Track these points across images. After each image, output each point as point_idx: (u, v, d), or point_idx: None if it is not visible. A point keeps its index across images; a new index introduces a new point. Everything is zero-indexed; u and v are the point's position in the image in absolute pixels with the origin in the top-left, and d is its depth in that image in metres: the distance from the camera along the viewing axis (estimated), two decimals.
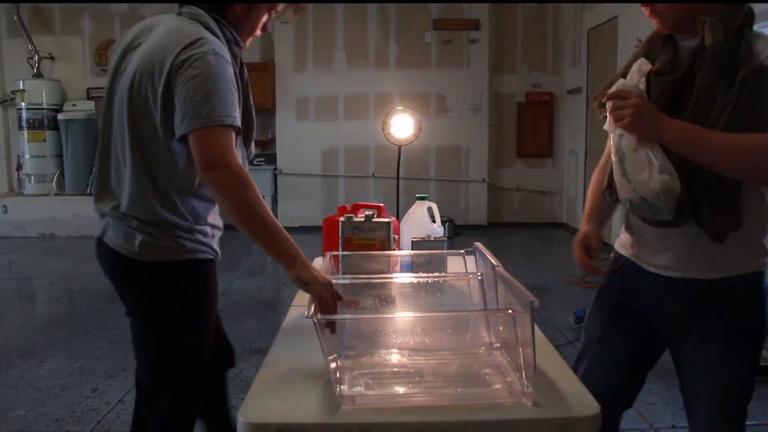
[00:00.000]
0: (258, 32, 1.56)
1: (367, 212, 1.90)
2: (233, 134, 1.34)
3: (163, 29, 1.41)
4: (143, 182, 1.45)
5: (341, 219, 1.89)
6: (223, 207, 1.36)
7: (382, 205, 2.02)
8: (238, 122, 1.35)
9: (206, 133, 1.30)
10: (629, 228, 1.49)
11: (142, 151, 1.43)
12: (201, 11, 1.43)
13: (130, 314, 1.59)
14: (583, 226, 1.56)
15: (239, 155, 1.38)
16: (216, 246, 1.57)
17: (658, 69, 1.34)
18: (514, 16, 7.69)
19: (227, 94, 1.33)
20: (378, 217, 1.93)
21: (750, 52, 1.24)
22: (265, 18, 1.54)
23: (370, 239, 1.85)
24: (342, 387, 1.03)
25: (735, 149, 1.20)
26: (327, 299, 1.24)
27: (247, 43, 1.55)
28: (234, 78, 1.38)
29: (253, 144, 1.58)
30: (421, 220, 2.03)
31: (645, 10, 1.39)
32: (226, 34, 1.45)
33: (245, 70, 1.53)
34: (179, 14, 1.46)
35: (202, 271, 1.52)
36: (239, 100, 1.40)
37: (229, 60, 1.38)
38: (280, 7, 1.56)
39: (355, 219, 1.87)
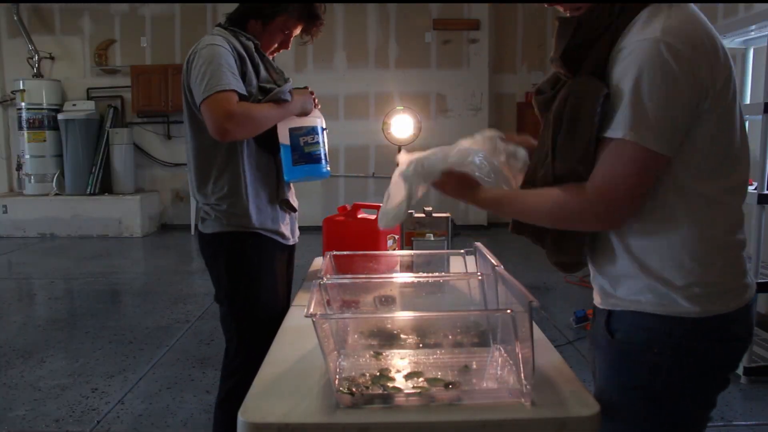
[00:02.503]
0: (276, 48, 1.84)
1: (425, 208, 2.02)
2: (232, 96, 1.59)
3: None
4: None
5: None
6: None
7: (382, 205, 2.02)
8: (234, 87, 1.60)
9: (208, 101, 1.57)
10: None
11: None
12: (221, 28, 1.75)
13: None
14: None
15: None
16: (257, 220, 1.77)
17: (538, 87, 1.17)
18: (514, 16, 7.69)
19: (219, 68, 1.60)
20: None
21: (599, 59, 1.01)
22: (280, 38, 1.81)
23: (431, 233, 1.95)
24: (342, 387, 1.03)
25: (530, 212, 1.11)
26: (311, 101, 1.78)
27: (268, 55, 1.82)
28: (232, 57, 1.65)
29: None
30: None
31: (559, 8, 1.14)
32: (242, 40, 1.72)
33: (266, 59, 1.80)
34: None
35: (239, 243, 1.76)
36: (251, 76, 1.70)
37: (227, 47, 1.65)
38: (297, 30, 1.83)
39: (416, 215, 1.97)
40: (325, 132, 1.86)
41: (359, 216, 2.10)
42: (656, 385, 1.04)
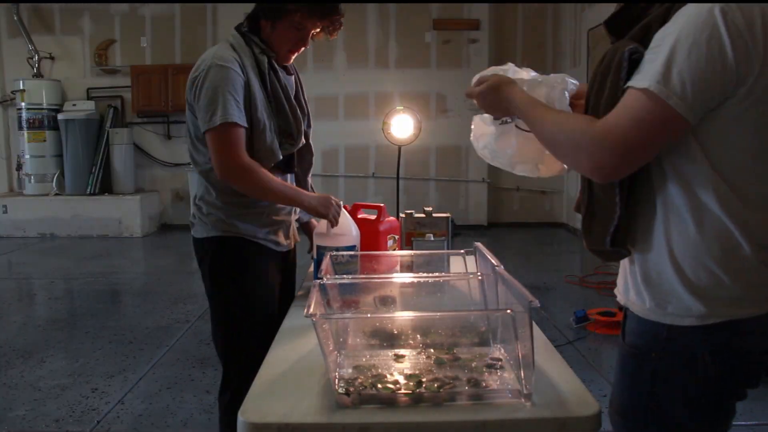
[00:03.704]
0: (292, 46, 1.76)
1: (426, 208, 2.03)
2: (238, 133, 1.62)
3: None
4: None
5: (402, 215, 1.95)
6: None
7: (382, 205, 2.02)
8: (237, 120, 1.61)
9: (214, 134, 1.62)
10: None
11: None
12: (236, 32, 1.75)
13: None
14: None
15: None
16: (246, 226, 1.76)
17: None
18: (514, 16, 7.69)
19: (225, 95, 1.62)
20: (379, 217, 1.95)
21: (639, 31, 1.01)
22: (294, 34, 1.73)
23: (431, 233, 1.95)
24: (342, 387, 1.03)
25: (551, 131, 1.06)
26: (335, 214, 1.72)
27: (285, 56, 1.77)
28: (240, 82, 1.64)
29: (298, 140, 1.80)
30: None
31: None
32: (254, 49, 1.71)
33: (280, 78, 1.75)
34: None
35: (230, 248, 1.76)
36: (261, 100, 1.68)
37: (237, 69, 1.64)
38: (314, 27, 1.75)
39: (416, 215, 1.96)
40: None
41: (359, 216, 2.10)
42: (657, 391, 1.02)
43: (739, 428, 2.55)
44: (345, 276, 1.44)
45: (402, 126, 3.80)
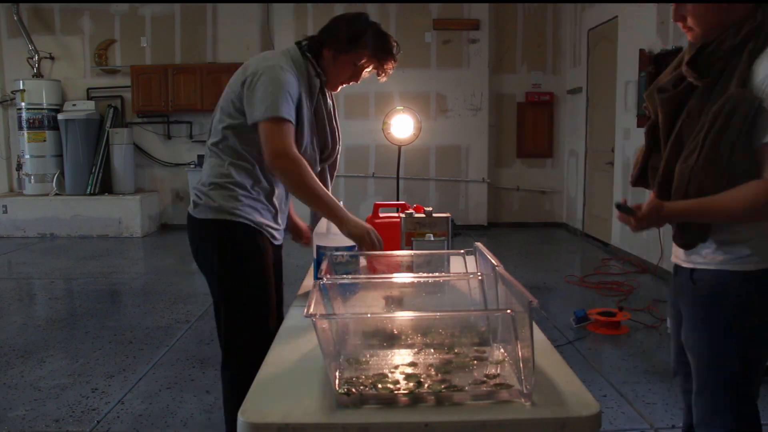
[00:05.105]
0: (346, 80, 1.90)
1: (426, 208, 2.06)
2: (290, 130, 1.72)
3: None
4: None
5: (402, 215, 1.96)
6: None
7: (403, 202, 2.07)
8: (291, 119, 1.72)
9: (268, 124, 1.71)
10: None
11: None
12: (295, 48, 1.85)
13: None
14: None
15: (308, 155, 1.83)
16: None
17: (660, 85, 1.42)
18: (514, 16, 7.69)
19: (283, 94, 1.72)
20: (402, 211, 1.97)
21: (742, 76, 1.27)
22: (351, 70, 1.87)
23: (431, 233, 1.98)
24: (342, 387, 1.03)
25: (734, 213, 1.30)
26: (372, 244, 1.69)
27: (335, 86, 1.91)
28: (296, 92, 1.75)
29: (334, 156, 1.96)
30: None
31: (679, 25, 1.41)
32: (310, 70, 1.81)
33: (326, 102, 1.89)
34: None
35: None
36: (308, 118, 1.80)
37: (294, 77, 1.76)
38: (369, 65, 1.90)
39: (416, 215, 1.98)
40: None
41: (381, 216, 2.14)
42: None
43: None
44: (345, 276, 1.44)
45: (402, 126, 3.79)
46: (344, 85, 1.94)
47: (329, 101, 1.93)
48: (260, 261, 1.85)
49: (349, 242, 1.75)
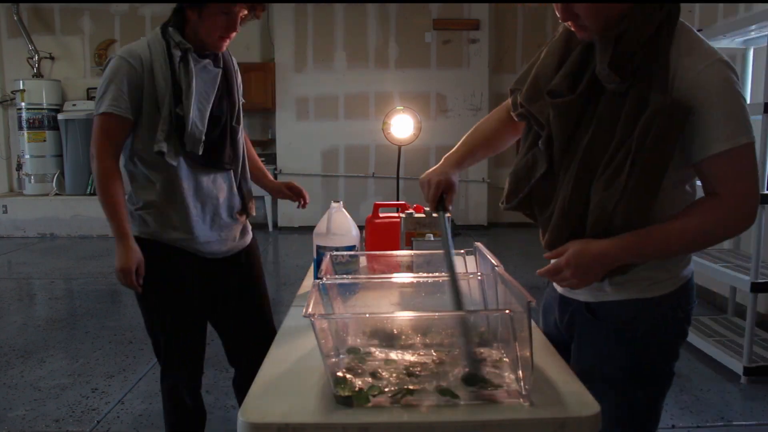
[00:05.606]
0: (223, 32, 1.72)
1: (426, 208, 2.02)
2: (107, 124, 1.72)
3: None
4: None
5: (402, 215, 1.96)
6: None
7: (404, 203, 2.07)
8: (110, 110, 1.68)
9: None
10: None
11: None
12: (158, 29, 1.79)
13: None
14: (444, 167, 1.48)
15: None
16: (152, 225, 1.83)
17: (551, 87, 1.17)
18: (514, 16, 7.69)
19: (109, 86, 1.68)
20: (402, 211, 1.97)
21: (665, 73, 1.07)
22: (222, 20, 1.69)
23: (431, 233, 1.95)
24: (341, 387, 1.03)
25: (688, 242, 1.13)
26: (126, 284, 1.71)
27: (217, 43, 1.74)
28: (133, 76, 1.69)
29: (195, 138, 1.75)
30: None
31: (568, 23, 1.18)
32: (169, 39, 1.74)
33: (205, 69, 1.76)
34: None
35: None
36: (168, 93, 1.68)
37: (129, 61, 1.69)
38: (241, 10, 1.71)
39: (416, 215, 1.96)
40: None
41: (381, 216, 2.13)
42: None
43: (740, 428, 2.55)
44: (345, 276, 1.44)
45: (402, 126, 3.79)
46: (228, 40, 1.78)
47: (207, 72, 1.78)
48: (172, 286, 1.83)
49: (350, 242, 1.73)
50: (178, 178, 1.78)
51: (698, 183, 1.19)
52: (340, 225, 1.76)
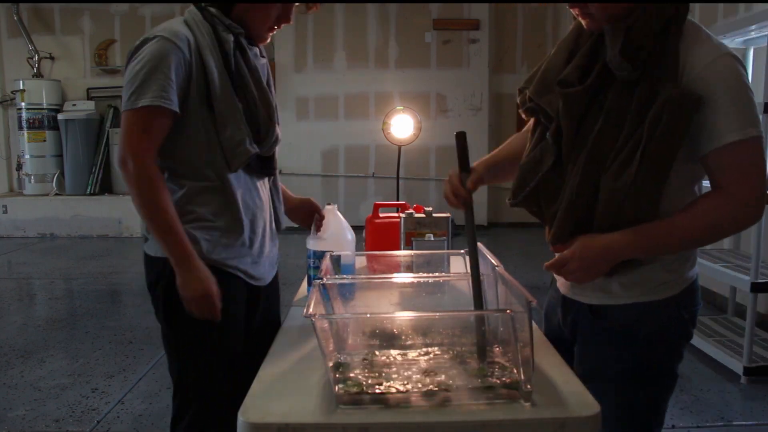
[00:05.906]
0: (275, 22, 1.50)
1: (426, 208, 2.01)
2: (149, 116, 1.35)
3: None
4: None
5: (402, 215, 1.96)
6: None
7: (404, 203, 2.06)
8: (160, 102, 1.34)
9: (126, 116, 1.37)
10: None
11: None
12: (193, 8, 1.46)
13: None
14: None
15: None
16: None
17: (562, 77, 1.17)
18: (514, 16, 7.69)
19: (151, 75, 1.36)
20: (403, 211, 1.97)
21: (674, 66, 1.08)
22: (276, 11, 1.48)
23: (431, 233, 1.95)
24: (341, 387, 1.03)
25: (694, 237, 1.13)
26: (203, 312, 1.38)
27: (265, 34, 1.51)
28: (181, 63, 1.38)
29: (270, 134, 1.51)
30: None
31: (573, 10, 1.17)
32: (216, 24, 1.42)
33: (250, 62, 1.48)
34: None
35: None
36: (223, 87, 1.40)
37: (176, 43, 1.37)
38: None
39: (416, 215, 1.95)
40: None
41: (381, 216, 2.13)
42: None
43: (740, 428, 2.55)
44: (345, 276, 1.44)
45: (402, 126, 3.79)
46: (274, 32, 1.53)
47: (258, 60, 1.53)
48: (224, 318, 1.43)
49: (345, 247, 1.62)
50: (230, 186, 1.44)
51: (705, 183, 1.19)
52: (334, 229, 1.66)
